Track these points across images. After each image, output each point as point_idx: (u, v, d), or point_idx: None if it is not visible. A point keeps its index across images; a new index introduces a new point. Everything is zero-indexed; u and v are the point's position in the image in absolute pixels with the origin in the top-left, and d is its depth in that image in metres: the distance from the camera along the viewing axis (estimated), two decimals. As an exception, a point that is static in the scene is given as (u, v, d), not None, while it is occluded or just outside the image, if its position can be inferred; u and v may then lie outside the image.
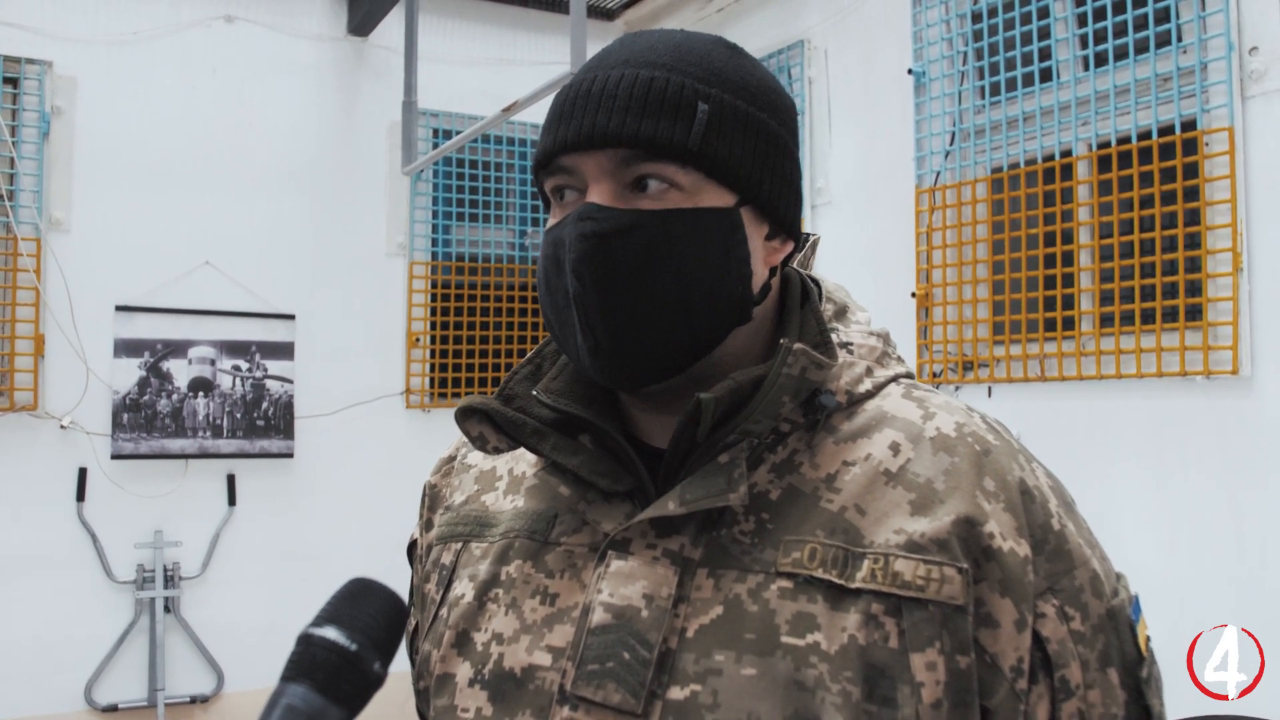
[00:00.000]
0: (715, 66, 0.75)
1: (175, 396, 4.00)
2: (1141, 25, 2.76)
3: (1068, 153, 2.94)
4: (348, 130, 4.33)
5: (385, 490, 4.07)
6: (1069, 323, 2.92)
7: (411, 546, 0.93)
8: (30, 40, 3.79)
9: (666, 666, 0.69)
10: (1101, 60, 2.86)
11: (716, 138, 0.73)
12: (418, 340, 4.40)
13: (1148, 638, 0.74)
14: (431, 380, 4.44)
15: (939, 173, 3.31)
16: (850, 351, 0.79)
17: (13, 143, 3.73)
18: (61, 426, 3.80)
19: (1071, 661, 0.69)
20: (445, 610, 0.81)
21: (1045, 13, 3.01)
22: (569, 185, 0.75)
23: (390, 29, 4.27)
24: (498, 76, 4.46)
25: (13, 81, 3.77)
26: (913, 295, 3.32)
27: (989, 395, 3.11)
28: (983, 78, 3.21)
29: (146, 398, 3.95)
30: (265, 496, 4.13)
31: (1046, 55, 3.02)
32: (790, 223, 0.79)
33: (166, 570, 3.93)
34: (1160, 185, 2.67)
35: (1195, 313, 2.63)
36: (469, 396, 0.79)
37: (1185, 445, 2.63)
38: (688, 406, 0.71)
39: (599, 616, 0.71)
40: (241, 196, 4.12)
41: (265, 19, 4.19)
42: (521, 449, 0.79)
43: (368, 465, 4.24)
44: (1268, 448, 2.46)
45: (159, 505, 3.96)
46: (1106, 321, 2.87)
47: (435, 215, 4.49)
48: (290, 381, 4.18)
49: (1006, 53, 3.11)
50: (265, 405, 4.13)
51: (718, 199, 0.73)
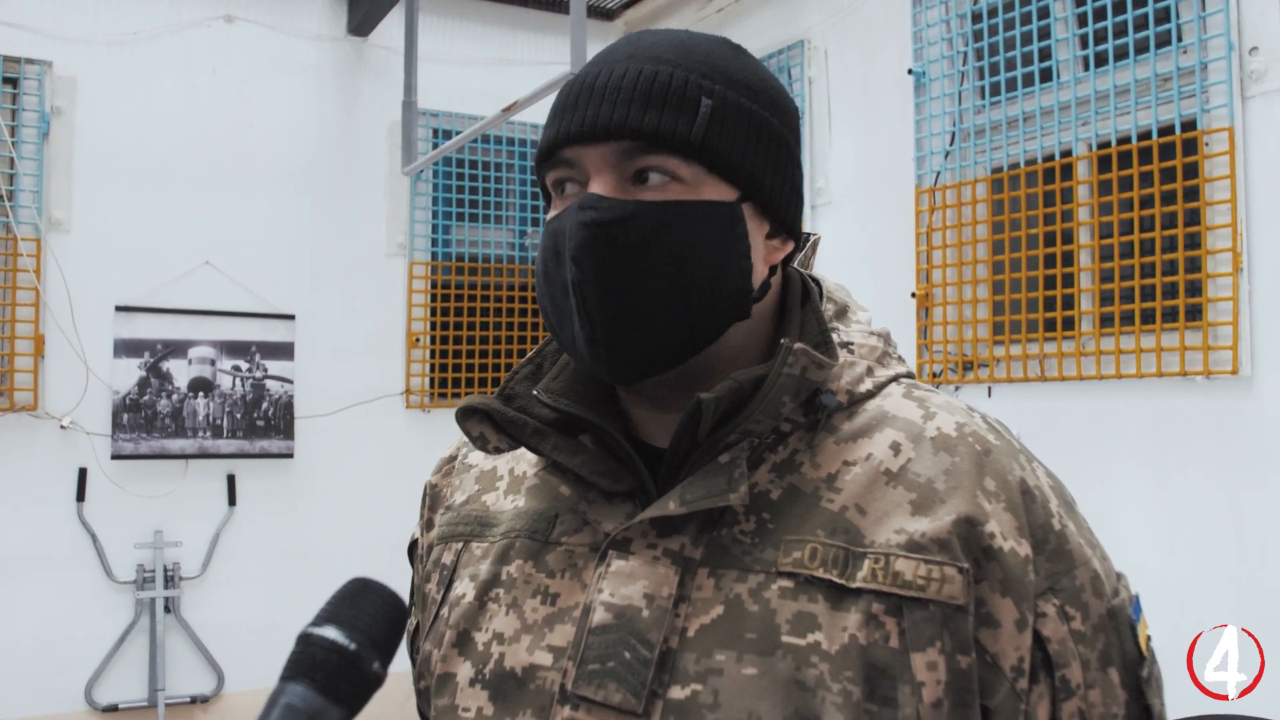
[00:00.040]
0: (719, 64, 0.75)
1: (175, 397, 4.00)
2: (1141, 25, 2.76)
3: (1068, 153, 2.94)
4: (348, 130, 4.33)
5: (385, 490, 4.07)
6: (1069, 323, 2.92)
7: (412, 546, 0.93)
8: (30, 40, 3.79)
9: (667, 666, 0.69)
10: (1101, 60, 2.86)
11: (719, 132, 0.72)
12: (418, 340, 4.40)
13: (1148, 637, 0.74)
14: (431, 380, 4.44)
15: (939, 173, 3.31)
16: (851, 351, 0.79)
17: (13, 143, 3.73)
18: (61, 426, 3.80)
19: (1072, 661, 0.69)
20: (446, 610, 0.81)
21: (1045, 13, 3.01)
22: (571, 178, 0.75)
23: (390, 29, 4.27)
24: (498, 76, 4.46)
25: (13, 81, 3.77)
26: (913, 295, 3.32)
27: (989, 395, 3.11)
28: (983, 78, 3.21)
29: (146, 398, 3.95)
30: (265, 496, 4.13)
31: (1046, 55, 3.02)
32: (791, 222, 0.79)
33: (167, 570, 3.93)
34: (1160, 185, 2.67)
35: (1195, 313, 2.63)
36: (469, 396, 0.79)
37: (1185, 445, 2.63)
38: (688, 406, 0.71)
39: (600, 616, 0.71)
40: (241, 196, 4.11)
41: (265, 19, 4.19)
42: (522, 449, 0.79)
43: (368, 465, 4.24)
44: (1268, 448, 2.46)
45: (159, 505, 3.96)
46: (1106, 321, 2.87)
47: (435, 215, 4.48)
48: (290, 382, 4.18)
49: (1006, 53, 3.11)
50: (265, 405, 4.13)
51: (719, 194, 0.73)
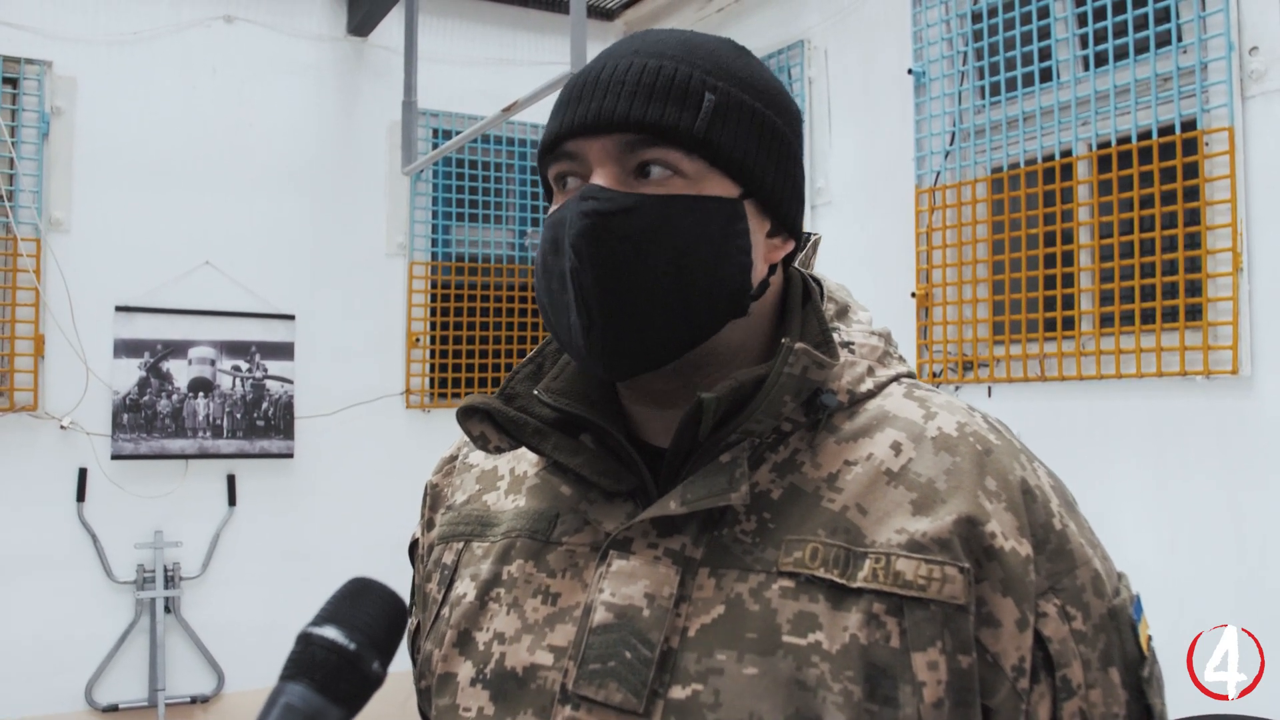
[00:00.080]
0: (723, 62, 0.75)
1: (175, 397, 4.00)
2: (1141, 25, 2.76)
3: (1068, 153, 2.94)
4: (348, 130, 4.33)
5: (385, 490, 4.07)
6: (1069, 323, 2.91)
7: (413, 546, 0.93)
8: (30, 40, 3.79)
9: (668, 666, 0.69)
10: (1101, 60, 2.86)
11: (722, 127, 0.73)
12: (418, 340, 4.40)
13: (1149, 637, 0.74)
14: (431, 380, 4.44)
15: (939, 173, 3.31)
16: (852, 351, 0.79)
17: (12, 143, 3.73)
18: (61, 427, 3.80)
19: (1073, 661, 0.69)
20: (447, 610, 0.80)
21: (1045, 13, 3.00)
22: (573, 172, 0.75)
23: (390, 29, 4.27)
24: (498, 76, 4.46)
25: (13, 81, 3.77)
26: (913, 295, 3.32)
27: (989, 395, 3.11)
28: (983, 78, 3.21)
29: (146, 398, 3.95)
30: (265, 497, 4.13)
31: (1046, 55, 3.02)
32: (792, 221, 0.79)
33: (167, 570, 3.93)
34: (1160, 185, 2.67)
35: (1195, 313, 2.63)
36: (470, 396, 0.79)
37: (1185, 445, 2.63)
38: (689, 406, 0.71)
39: (600, 616, 0.71)
40: (241, 196, 4.11)
41: (265, 19, 4.19)
42: (523, 448, 0.79)
43: (368, 465, 4.24)
44: (1268, 448, 2.46)
45: (159, 505, 3.96)
46: (1106, 321, 2.87)
47: (435, 215, 4.48)
48: (290, 382, 4.18)
49: (1006, 53, 3.11)
50: (265, 405, 4.13)
51: (721, 190, 0.73)
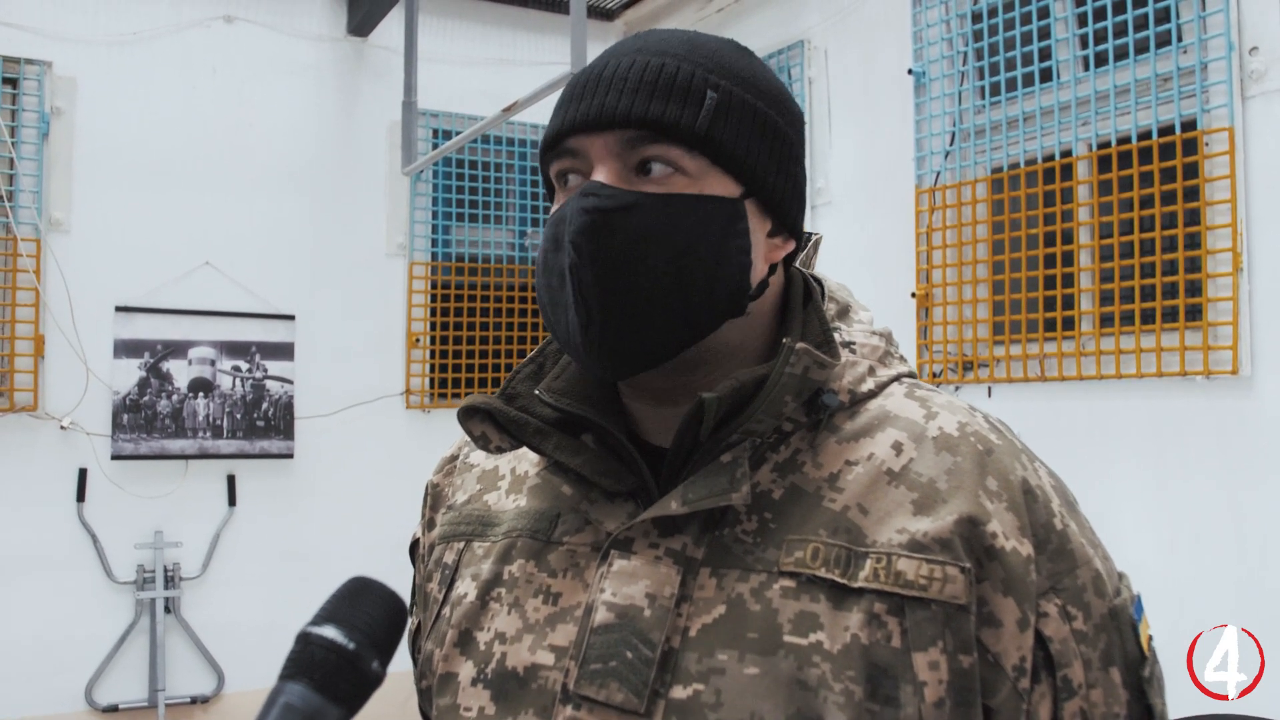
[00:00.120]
0: (725, 61, 0.75)
1: (175, 397, 3.99)
2: (1141, 25, 2.76)
3: (1068, 153, 2.94)
4: (347, 130, 4.33)
5: (385, 490, 4.07)
6: (1069, 323, 2.91)
7: (414, 546, 0.93)
8: (30, 40, 3.79)
9: (669, 666, 0.69)
10: (1101, 60, 2.86)
11: (724, 125, 0.73)
12: (418, 340, 4.40)
13: (1150, 637, 0.74)
14: (431, 380, 4.44)
15: (939, 173, 3.31)
16: (853, 351, 0.79)
17: (12, 143, 3.73)
18: (61, 427, 3.80)
19: (1074, 661, 0.69)
20: (448, 609, 0.80)
21: (1045, 13, 3.00)
22: (574, 169, 0.75)
23: (390, 29, 4.27)
24: (498, 76, 4.46)
25: (12, 82, 3.77)
26: (913, 295, 3.32)
27: (989, 395, 3.11)
28: (983, 78, 3.21)
29: (146, 398, 3.95)
30: (265, 497, 4.13)
31: (1046, 55, 3.02)
32: (793, 221, 0.79)
33: (167, 571, 3.93)
34: (1160, 185, 2.67)
35: (1195, 313, 2.63)
36: (471, 396, 0.79)
37: (1185, 445, 2.63)
38: (690, 406, 0.71)
39: (602, 616, 0.71)
40: (241, 196, 4.11)
41: (265, 19, 4.19)
42: (524, 448, 0.79)
43: (368, 465, 4.24)
44: (1268, 448, 2.46)
45: (159, 506, 3.96)
46: (1106, 321, 2.87)
47: (435, 215, 4.48)
48: (290, 382, 4.18)
49: (1006, 53, 3.11)
50: (265, 406, 4.13)
51: (722, 189, 0.73)
